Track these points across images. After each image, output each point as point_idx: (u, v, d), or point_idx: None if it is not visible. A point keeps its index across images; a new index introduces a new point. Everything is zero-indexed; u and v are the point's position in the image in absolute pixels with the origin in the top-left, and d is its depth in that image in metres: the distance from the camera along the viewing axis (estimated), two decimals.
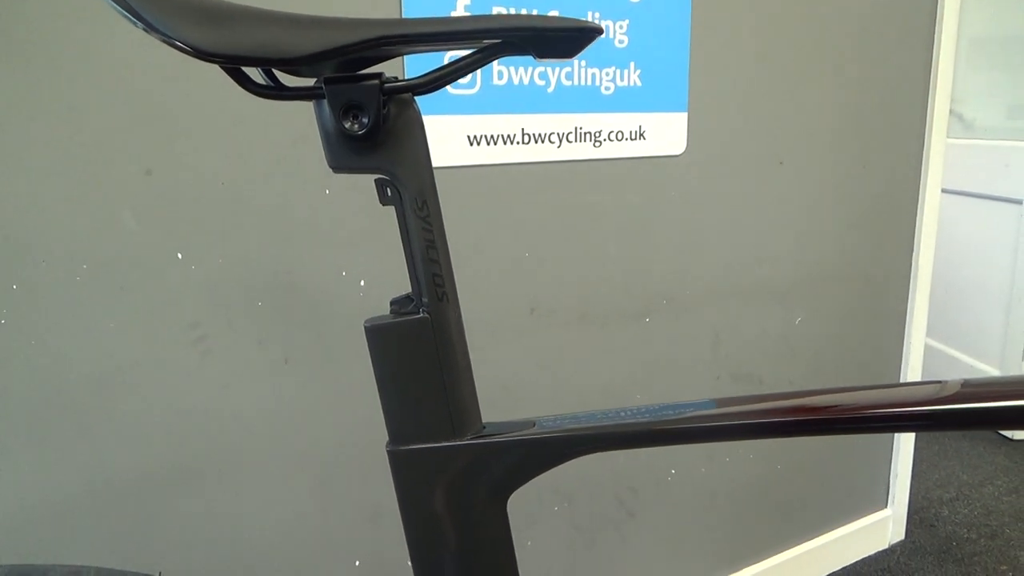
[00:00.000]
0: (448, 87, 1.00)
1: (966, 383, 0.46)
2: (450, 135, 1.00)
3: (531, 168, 1.07)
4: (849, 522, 1.64)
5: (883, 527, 1.69)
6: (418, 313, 0.44)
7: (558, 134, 1.08)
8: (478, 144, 1.02)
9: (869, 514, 1.67)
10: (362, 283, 0.98)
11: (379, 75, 0.39)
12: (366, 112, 0.39)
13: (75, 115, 0.78)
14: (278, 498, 0.97)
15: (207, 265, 0.88)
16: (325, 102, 0.40)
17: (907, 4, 1.42)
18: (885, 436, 1.65)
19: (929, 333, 2.28)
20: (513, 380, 1.14)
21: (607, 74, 1.10)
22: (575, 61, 1.07)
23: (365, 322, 0.45)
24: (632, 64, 1.12)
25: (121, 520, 0.88)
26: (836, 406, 0.45)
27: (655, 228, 1.22)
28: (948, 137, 1.57)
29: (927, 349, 1.72)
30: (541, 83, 1.05)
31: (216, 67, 0.38)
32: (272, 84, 0.41)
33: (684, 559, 1.40)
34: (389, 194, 0.43)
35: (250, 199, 0.89)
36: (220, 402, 0.91)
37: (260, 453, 0.95)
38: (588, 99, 1.09)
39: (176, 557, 0.92)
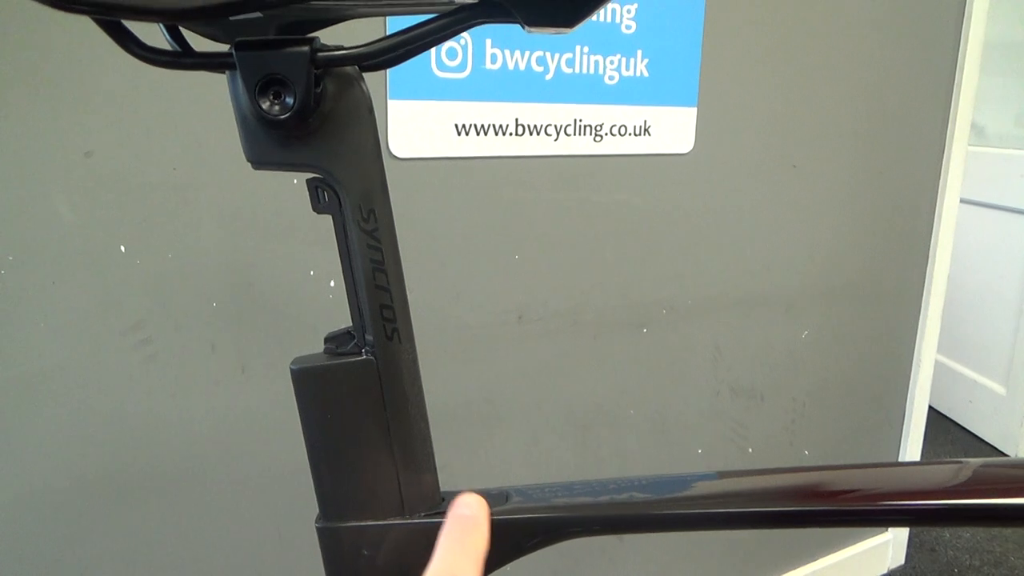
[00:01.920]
0: (436, 69, 0.90)
1: (987, 464, 0.40)
2: (436, 123, 0.92)
3: (524, 162, 0.99)
4: (848, 546, 1.57)
5: (883, 552, 1.63)
6: (360, 354, 0.35)
7: (556, 126, 1.00)
8: (466, 134, 0.94)
9: (869, 538, 1.60)
10: (332, 284, 0.89)
11: (310, 40, 0.30)
12: (291, 89, 0.29)
13: (1, 86, 0.68)
14: (229, 518, 0.88)
15: (154, 260, 0.78)
16: (237, 74, 0.30)
17: (933, 6, 1.33)
18: (886, 454, 1.59)
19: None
20: (496, 392, 1.05)
21: (611, 62, 1.01)
22: (576, 47, 0.98)
23: (291, 363, 0.35)
24: (639, 52, 1.03)
25: (49, 536, 0.79)
26: (847, 492, 0.39)
27: (656, 231, 1.14)
28: None
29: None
30: (539, 69, 0.97)
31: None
32: (173, 49, 0.31)
33: None
34: (325, 199, 0.33)
35: (206, 186, 0.80)
36: (165, 412, 0.82)
37: (210, 469, 0.86)
38: (590, 89, 1.01)
39: None
